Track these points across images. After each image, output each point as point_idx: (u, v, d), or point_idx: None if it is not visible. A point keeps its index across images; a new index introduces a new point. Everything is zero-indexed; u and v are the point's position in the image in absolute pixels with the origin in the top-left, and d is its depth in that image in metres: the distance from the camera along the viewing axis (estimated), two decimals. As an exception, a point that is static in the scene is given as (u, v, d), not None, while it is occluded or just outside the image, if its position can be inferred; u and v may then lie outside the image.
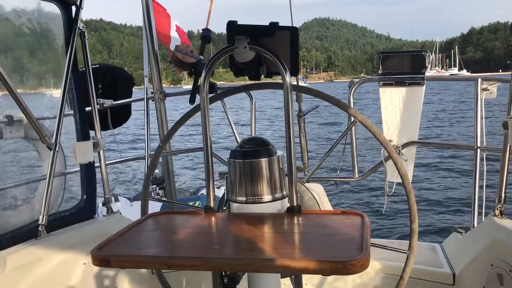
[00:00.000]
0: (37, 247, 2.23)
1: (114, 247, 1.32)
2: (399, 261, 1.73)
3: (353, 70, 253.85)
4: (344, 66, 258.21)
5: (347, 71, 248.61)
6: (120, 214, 2.84)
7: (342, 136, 2.19)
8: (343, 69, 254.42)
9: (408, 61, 3.08)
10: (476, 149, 2.95)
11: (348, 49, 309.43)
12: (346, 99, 3.14)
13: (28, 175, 2.66)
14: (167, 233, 1.48)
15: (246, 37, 1.54)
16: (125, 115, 3.95)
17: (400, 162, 1.65)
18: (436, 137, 19.56)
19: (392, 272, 2.73)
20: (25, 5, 2.38)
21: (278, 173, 1.57)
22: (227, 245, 1.30)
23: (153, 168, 2.05)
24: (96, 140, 2.71)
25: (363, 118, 1.67)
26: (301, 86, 1.99)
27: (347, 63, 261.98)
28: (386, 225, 8.77)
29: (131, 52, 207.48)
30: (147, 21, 3.28)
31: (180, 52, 2.80)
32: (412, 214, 1.62)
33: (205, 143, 1.60)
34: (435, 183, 12.05)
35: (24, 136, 2.49)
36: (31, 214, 2.43)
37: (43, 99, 2.67)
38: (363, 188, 11.39)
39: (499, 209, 2.43)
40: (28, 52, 2.66)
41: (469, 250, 2.56)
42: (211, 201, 1.61)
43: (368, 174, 3.34)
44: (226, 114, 2.88)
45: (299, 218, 1.49)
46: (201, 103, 1.60)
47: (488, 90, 3.06)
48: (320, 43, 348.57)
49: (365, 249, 1.15)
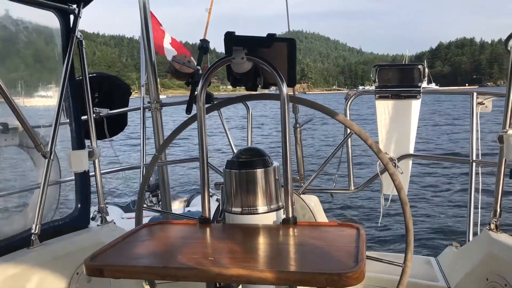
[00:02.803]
0: (30, 256, 2.20)
1: (107, 257, 1.31)
2: (395, 274, 1.72)
3: (325, 83, 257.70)
4: (317, 78, 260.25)
5: (319, 83, 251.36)
6: (114, 224, 2.83)
7: (338, 147, 2.19)
8: (316, 81, 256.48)
9: (404, 74, 3.10)
10: (472, 162, 2.96)
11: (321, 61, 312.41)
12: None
13: (21, 183, 2.64)
14: (161, 243, 1.47)
15: (244, 48, 1.54)
16: (121, 124, 3.95)
17: (396, 174, 1.65)
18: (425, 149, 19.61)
19: (388, 285, 2.72)
20: (23, 13, 2.38)
21: (274, 184, 1.56)
22: (222, 256, 1.29)
23: (148, 178, 2.04)
24: (91, 149, 2.70)
25: (360, 130, 1.67)
26: (298, 97, 1.99)
27: (319, 76, 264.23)
28: (382, 237, 8.75)
29: (103, 61, 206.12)
30: (145, 32, 3.30)
31: (178, 62, 2.81)
32: (408, 226, 1.62)
33: (201, 153, 1.60)
34: (430, 195, 12.05)
35: (19, 144, 2.48)
36: (24, 223, 2.42)
37: (38, 107, 2.67)
38: (359, 199, 11.38)
39: (494, 223, 2.43)
40: (24, 60, 2.66)
41: (465, 264, 2.55)
42: (206, 212, 1.60)
43: (364, 187, 3.33)
44: (222, 124, 2.88)
45: (294, 230, 1.48)
46: (197, 113, 1.60)
47: (483, 104, 3.08)
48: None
49: (361, 262, 1.14)
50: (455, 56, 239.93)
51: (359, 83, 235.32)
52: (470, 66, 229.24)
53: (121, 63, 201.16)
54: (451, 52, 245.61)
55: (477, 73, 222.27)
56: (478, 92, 3.07)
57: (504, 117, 2.36)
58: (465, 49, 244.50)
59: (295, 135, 3.61)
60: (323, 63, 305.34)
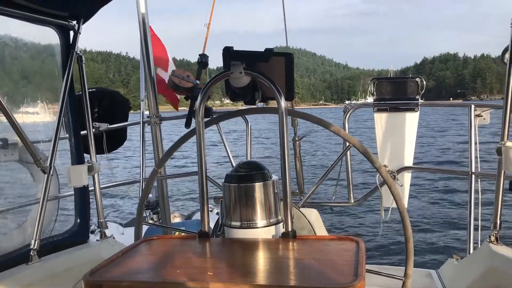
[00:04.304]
0: (28, 272, 2.19)
1: (106, 272, 1.30)
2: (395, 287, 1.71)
3: (312, 97, 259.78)
4: (304, 94, 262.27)
5: (306, 98, 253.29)
6: (113, 239, 2.81)
7: (337, 160, 2.19)
8: (303, 96, 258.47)
9: (402, 87, 3.11)
10: (471, 174, 2.95)
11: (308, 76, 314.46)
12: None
13: (20, 198, 2.63)
14: (160, 258, 1.46)
15: (242, 63, 1.56)
16: (121, 139, 3.95)
17: (395, 186, 1.65)
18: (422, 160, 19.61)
19: None
20: (23, 29, 2.40)
21: (273, 198, 1.56)
22: (221, 271, 1.28)
23: (148, 193, 2.04)
24: (91, 164, 2.70)
25: (358, 143, 1.68)
26: (296, 111, 2.00)
27: (306, 91, 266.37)
28: (382, 249, 8.69)
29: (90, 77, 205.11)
30: (144, 47, 3.33)
31: (177, 77, 2.83)
32: (407, 239, 1.61)
33: (200, 167, 1.60)
34: (431, 208, 12.01)
35: (19, 159, 2.48)
36: (22, 238, 2.40)
37: (38, 123, 2.67)
38: (359, 212, 11.33)
39: (494, 235, 2.43)
40: (24, 76, 2.68)
41: (466, 277, 2.54)
42: (205, 226, 1.60)
43: (363, 200, 3.33)
44: (221, 138, 2.88)
45: (294, 244, 1.48)
46: (196, 127, 1.61)
47: (481, 116, 3.09)
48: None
49: (360, 275, 1.14)
50: (439, 71, 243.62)
51: (345, 98, 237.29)
52: (454, 81, 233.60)
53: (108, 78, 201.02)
54: (435, 67, 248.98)
55: (461, 87, 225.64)
56: (476, 104, 3.08)
57: (502, 129, 2.37)
58: (448, 64, 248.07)
59: (294, 148, 3.61)
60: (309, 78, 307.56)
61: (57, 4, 2.44)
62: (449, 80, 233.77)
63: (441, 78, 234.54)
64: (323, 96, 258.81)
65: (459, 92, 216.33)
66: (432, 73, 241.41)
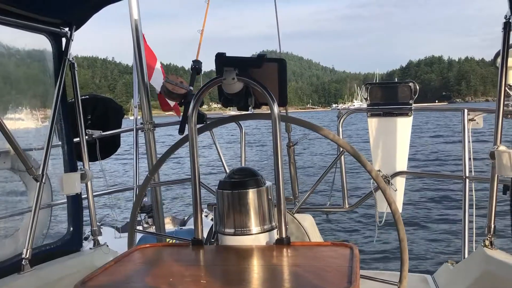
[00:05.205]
0: (20, 282, 2.16)
1: (99, 281, 1.29)
2: None
3: (300, 101, 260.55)
4: (291, 97, 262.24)
5: (294, 102, 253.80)
6: (107, 247, 2.79)
7: (331, 166, 2.19)
8: (290, 100, 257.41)
9: (396, 92, 3.12)
10: (465, 179, 2.96)
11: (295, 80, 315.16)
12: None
13: (12, 206, 2.60)
14: (154, 267, 1.45)
15: (235, 69, 1.55)
16: (114, 146, 3.93)
17: (389, 190, 1.65)
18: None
19: None
20: (15, 36, 2.39)
21: (267, 204, 1.55)
22: (215, 279, 1.27)
23: (141, 199, 2.02)
24: (83, 171, 2.68)
25: (352, 148, 1.68)
26: (289, 117, 2.00)
27: (294, 94, 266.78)
28: (377, 255, 8.69)
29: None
30: (138, 54, 3.33)
31: (170, 83, 2.82)
32: (402, 244, 1.61)
33: (193, 174, 1.59)
34: (425, 212, 12.03)
35: (11, 168, 2.46)
36: (14, 247, 2.37)
37: (30, 130, 2.65)
38: (354, 217, 11.33)
39: (489, 239, 2.43)
40: (16, 83, 2.66)
41: (461, 282, 2.54)
42: (199, 233, 1.59)
43: (358, 205, 3.32)
44: (215, 144, 2.87)
45: (288, 250, 1.47)
46: (189, 133, 1.60)
47: (474, 121, 3.10)
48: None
49: (354, 282, 1.14)
50: (424, 73, 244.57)
51: (332, 101, 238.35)
52: (439, 83, 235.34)
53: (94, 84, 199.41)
54: (420, 70, 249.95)
55: (446, 90, 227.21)
56: (469, 108, 3.10)
57: (495, 133, 2.38)
58: (434, 67, 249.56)
59: (288, 153, 3.61)
60: (297, 82, 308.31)
61: (49, 11, 2.43)
62: (435, 83, 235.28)
63: (427, 80, 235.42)
64: (310, 100, 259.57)
65: (444, 95, 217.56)
66: (418, 76, 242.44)
